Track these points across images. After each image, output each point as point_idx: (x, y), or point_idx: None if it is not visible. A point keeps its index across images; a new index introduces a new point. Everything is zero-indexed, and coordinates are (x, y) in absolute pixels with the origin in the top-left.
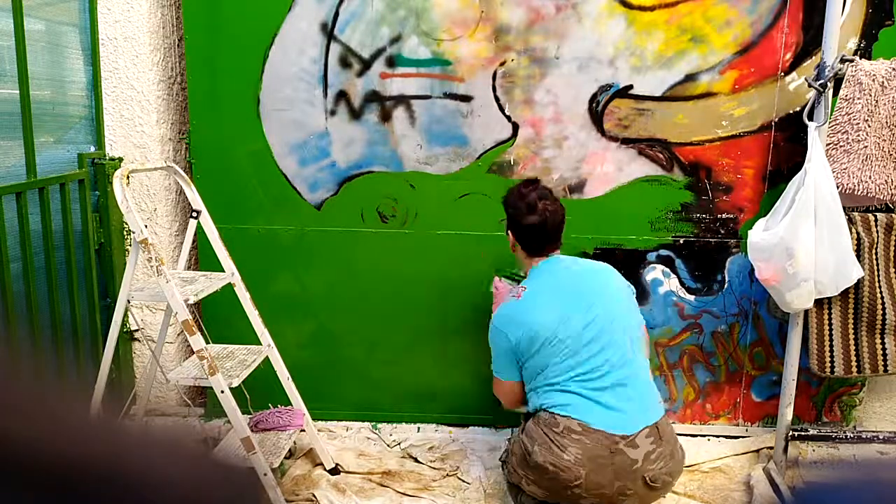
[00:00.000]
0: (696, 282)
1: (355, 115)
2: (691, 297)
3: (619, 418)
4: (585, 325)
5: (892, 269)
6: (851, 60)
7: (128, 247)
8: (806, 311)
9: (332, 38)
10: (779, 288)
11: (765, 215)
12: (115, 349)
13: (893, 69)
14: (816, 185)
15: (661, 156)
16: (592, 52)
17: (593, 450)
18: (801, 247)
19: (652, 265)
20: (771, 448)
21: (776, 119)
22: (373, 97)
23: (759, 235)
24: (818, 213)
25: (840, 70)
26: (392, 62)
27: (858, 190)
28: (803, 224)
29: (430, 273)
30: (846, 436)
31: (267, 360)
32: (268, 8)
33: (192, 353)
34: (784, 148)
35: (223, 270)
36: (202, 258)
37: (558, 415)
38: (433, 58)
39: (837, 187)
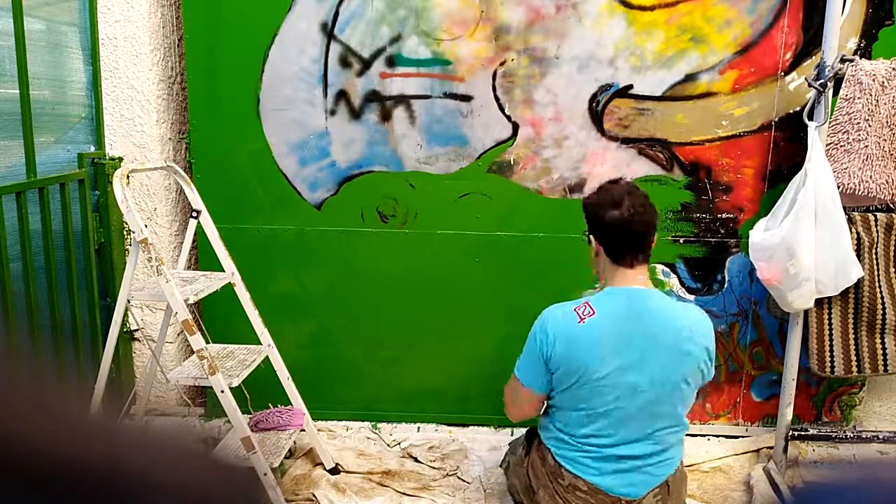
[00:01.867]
0: (696, 281)
1: (355, 114)
2: (691, 297)
3: (630, 485)
4: (636, 389)
5: (892, 269)
6: (851, 60)
7: (128, 246)
8: (806, 311)
9: (332, 37)
10: (780, 288)
11: (765, 215)
12: (115, 349)
13: (893, 69)
14: (816, 184)
15: (661, 155)
16: (592, 52)
17: None
18: (803, 247)
19: (652, 265)
20: (771, 448)
21: (776, 119)
22: (373, 97)
23: (761, 235)
24: (818, 212)
25: (840, 70)
26: (392, 62)
27: (859, 190)
28: (804, 224)
29: (430, 273)
30: (846, 436)
31: (267, 359)
32: (268, 8)
33: (192, 352)
34: (784, 148)
35: (223, 270)
36: (202, 258)
37: (566, 469)
38: (433, 57)
39: (838, 187)
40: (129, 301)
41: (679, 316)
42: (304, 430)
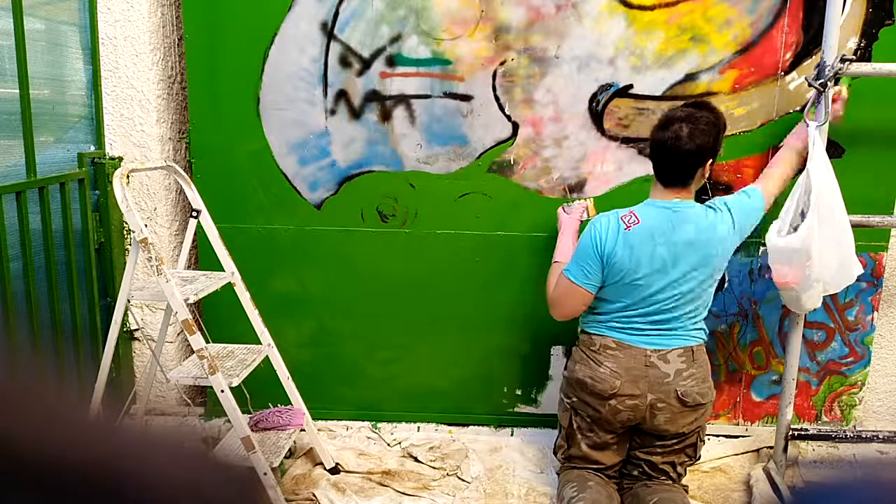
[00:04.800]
0: None
1: (355, 114)
2: None
3: (653, 338)
4: (665, 288)
5: None
6: (851, 60)
7: (128, 246)
8: None
9: (332, 37)
10: (797, 290)
11: (764, 215)
12: (115, 349)
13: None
14: (819, 184)
15: None
16: (592, 52)
17: (627, 363)
18: (816, 248)
19: None
20: (771, 448)
21: (776, 118)
22: (373, 96)
23: (783, 239)
24: (821, 211)
25: (840, 70)
26: (392, 61)
27: None
28: (818, 225)
29: (430, 272)
30: (846, 435)
31: (267, 359)
32: (268, 7)
33: (192, 352)
34: None
35: (223, 270)
36: (202, 258)
37: (594, 334)
38: (433, 57)
39: None
40: (129, 301)
41: (709, 226)
42: (304, 430)
